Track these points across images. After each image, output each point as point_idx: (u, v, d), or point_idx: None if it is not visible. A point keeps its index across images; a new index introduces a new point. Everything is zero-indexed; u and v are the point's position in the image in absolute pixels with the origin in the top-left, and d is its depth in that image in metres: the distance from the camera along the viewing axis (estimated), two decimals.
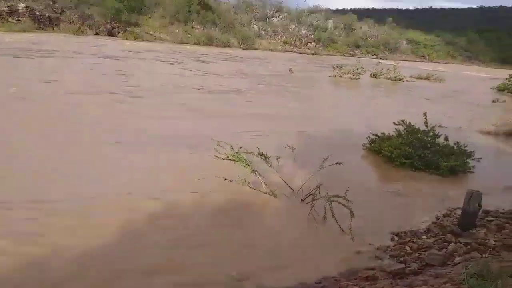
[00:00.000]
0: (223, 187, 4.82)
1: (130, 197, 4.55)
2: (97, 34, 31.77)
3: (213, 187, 4.90)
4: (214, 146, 4.97)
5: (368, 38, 50.62)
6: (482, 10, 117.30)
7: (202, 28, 39.51)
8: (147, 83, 12.08)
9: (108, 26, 32.82)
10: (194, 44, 35.50)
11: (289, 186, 5.07)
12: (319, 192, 4.55)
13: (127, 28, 33.93)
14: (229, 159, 4.93)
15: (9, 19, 27.54)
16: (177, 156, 6.05)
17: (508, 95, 19.35)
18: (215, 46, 36.22)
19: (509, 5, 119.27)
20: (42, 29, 28.43)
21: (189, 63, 20.09)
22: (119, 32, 32.70)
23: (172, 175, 5.32)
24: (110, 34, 32.16)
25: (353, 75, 19.85)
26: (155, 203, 4.43)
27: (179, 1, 41.46)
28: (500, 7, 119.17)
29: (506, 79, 22.03)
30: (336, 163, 4.82)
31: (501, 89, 21.75)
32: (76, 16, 31.89)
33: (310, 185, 4.80)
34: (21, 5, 28.42)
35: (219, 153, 4.90)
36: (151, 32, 36.05)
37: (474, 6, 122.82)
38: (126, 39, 31.50)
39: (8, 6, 28.11)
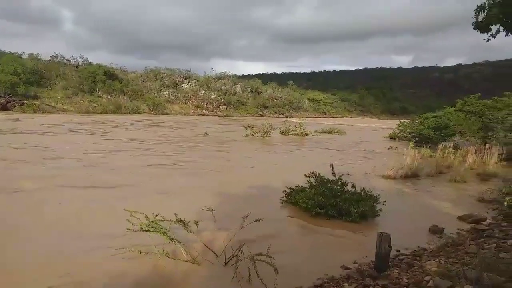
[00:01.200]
0: (139, 261, 4.45)
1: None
2: None
3: (127, 263, 4.48)
4: (127, 217, 4.63)
5: (274, 99, 54.39)
6: (366, 70, 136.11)
7: (108, 97, 38.61)
8: (69, 156, 11.20)
9: (2, 100, 30.27)
10: (101, 113, 34.33)
11: (212, 250, 4.87)
12: (242, 253, 4.45)
13: (25, 101, 31.62)
14: (143, 230, 4.60)
15: None
16: (84, 233, 5.48)
17: (399, 142, 21.96)
18: (124, 113, 35.46)
19: (387, 66, 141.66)
20: None
21: (113, 132, 19.92)
22: (15, 106, 30.26)
23: (75, 259, 4.75)
24: (5, 108, 29.61)
25: (264, 134, 20.95)
26: None
27: (83, 72, 40.49)
28: (380, 67, 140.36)
29: (395, 128, 25.21)
30: (256, 220, 4.82)
31: (392, 137, 24.77)
32: None
33: (233, 245, 4.68)
34: None
35: (133, 224, 4.57)
36: (52, 104, 34.08)
37: (360, 68, 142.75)
38: (24, 112, 29.27)
39: None
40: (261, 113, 49.67)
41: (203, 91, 48.39)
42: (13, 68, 33.51)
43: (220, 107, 47.35)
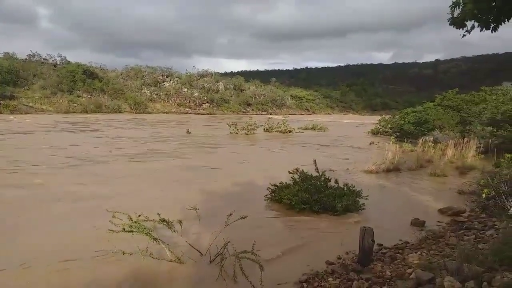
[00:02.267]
0: (122, 262, 4.38)
1: None
2: None
3: (110, 265, 4.41)
4: (109, 218, 4.54)
5: (257, 96, 54.38)
6: (347, 67, 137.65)
7: (88, 96, 37.88)
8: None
9: None
10: (81, 112, 33.70)
11: (196, 249, 4.84)
12: (227, 251, 4.43)
13: (1, 101, 30.73)
14: (126, 231, 4.51)
15: None
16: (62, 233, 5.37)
17: (380, 137, 22.31)
18: (105, 112, 34.88)
19: (368, 62, 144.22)
20: None
21: (107, 131, 20.08)
22: None
23: (55, 263, 4.64)
24: None
25: (248, 131, 20.96)
26: None
27: (61, 71, 39.57)
28: (361, 64, 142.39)
29: (377, 123, 25.61)
30: (241, 218, 4.81)
31: (374, 132, 25.15)
32: None
33: (218, 244, 4.66)
34: None
35: (115, 225, 4.48)
36: (30, 104, 33.21)
37: (342, 65, 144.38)
38: (0, 113, 28.46)
39: None
40: (244, 110, 49.63)
41: (186, 89, 47.94)
42: None
43: (203, 105, 47.04)
